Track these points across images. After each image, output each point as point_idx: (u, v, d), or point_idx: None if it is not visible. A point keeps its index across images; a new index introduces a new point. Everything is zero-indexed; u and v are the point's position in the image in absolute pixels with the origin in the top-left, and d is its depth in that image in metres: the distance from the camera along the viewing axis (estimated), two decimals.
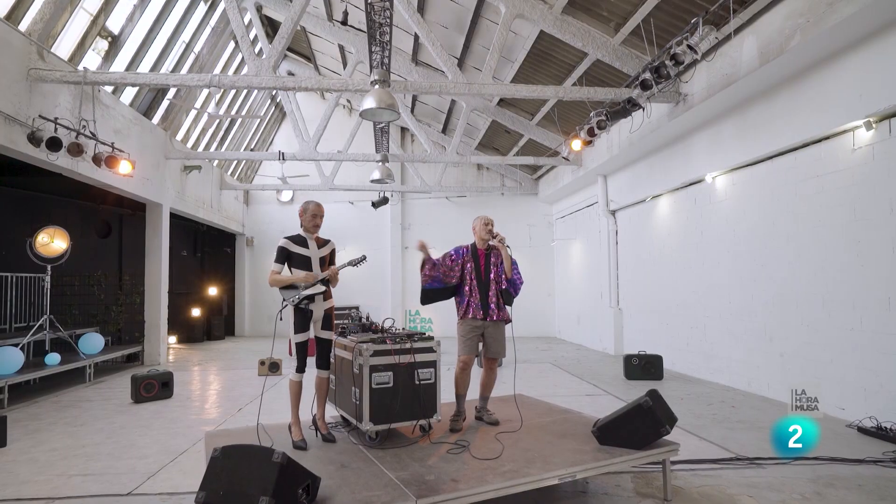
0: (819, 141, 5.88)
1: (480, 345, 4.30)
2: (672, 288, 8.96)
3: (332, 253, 4.06)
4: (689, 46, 5.78)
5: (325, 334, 3.93)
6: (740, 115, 7.02)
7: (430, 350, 3.73)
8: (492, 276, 4.31)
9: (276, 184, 14.31)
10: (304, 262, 3.87)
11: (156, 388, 6.81)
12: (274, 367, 8.54)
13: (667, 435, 3.41)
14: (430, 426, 3.79)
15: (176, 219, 12.67)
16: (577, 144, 9.03)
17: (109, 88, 8.44)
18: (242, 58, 11.92)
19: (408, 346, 3.63)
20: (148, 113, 9.80)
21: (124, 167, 7.06)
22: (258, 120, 11.65)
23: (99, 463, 4.36)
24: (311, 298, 3.81)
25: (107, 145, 6.98)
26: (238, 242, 16.00)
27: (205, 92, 10.80)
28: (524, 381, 7.80)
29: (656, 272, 9.55)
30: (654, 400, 3.44)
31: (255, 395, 7.01)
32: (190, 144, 11.80)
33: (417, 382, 3.65)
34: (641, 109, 7.30)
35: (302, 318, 3.80)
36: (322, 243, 4.02)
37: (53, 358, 7.68)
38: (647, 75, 6.54)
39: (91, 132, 6.68)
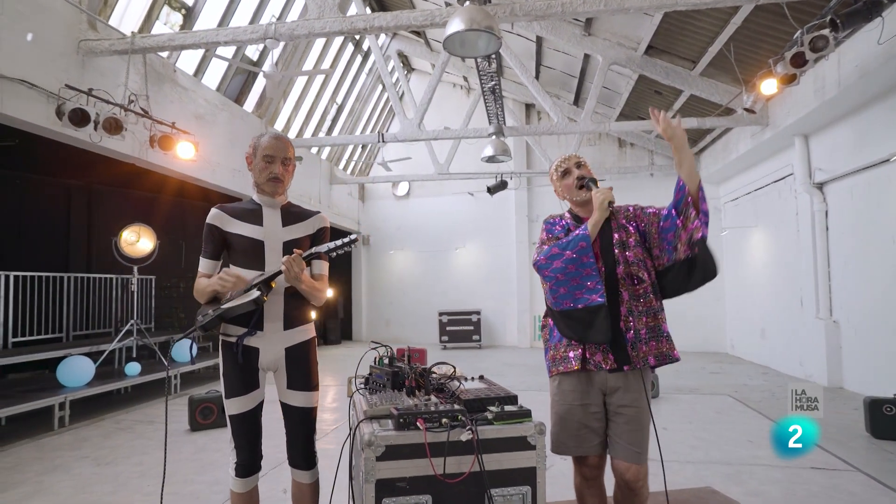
0: None
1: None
2: None
3: (320, 235, 2.11)
4: None
5: (298, 399, 2.04)
6: None
7: (521, 444, 1.65)
8: (620, 268, 2.11)
9: (385, 175, 13.09)
10: (252, 252, 1.98)
11: (214, 413, 5.62)
12: None
13: None
14: None
15: None
16: (769, 86, 6.28)
17: (189, 70, 7.62)
18: (349, 46, 10.76)
19: (464, 436, 1.60)
20: (239, 99, 8.99)
21: (185, 150, 5.99)
22: (324, 75, 10.05)
23: None
24: (246, 322, 1.91)
25: (166, 125, 5.96)
26: None
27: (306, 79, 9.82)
28: (692, 428, 5.31)
29: None
30: None
31: (333, 422, 5.51)
32: (294, 135, 10.98)
33: None
34: None
35: (235, 367, 1.95)
36: (294, 216, 2.09)
37: (133, 368, 7.00)
38: None
39: (143, 108, 5.67)
